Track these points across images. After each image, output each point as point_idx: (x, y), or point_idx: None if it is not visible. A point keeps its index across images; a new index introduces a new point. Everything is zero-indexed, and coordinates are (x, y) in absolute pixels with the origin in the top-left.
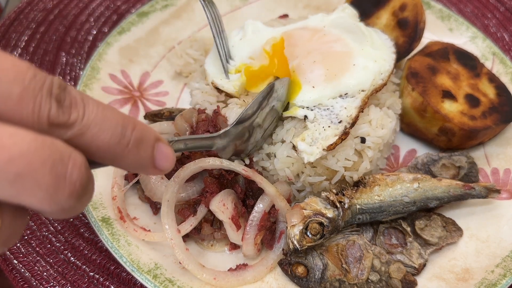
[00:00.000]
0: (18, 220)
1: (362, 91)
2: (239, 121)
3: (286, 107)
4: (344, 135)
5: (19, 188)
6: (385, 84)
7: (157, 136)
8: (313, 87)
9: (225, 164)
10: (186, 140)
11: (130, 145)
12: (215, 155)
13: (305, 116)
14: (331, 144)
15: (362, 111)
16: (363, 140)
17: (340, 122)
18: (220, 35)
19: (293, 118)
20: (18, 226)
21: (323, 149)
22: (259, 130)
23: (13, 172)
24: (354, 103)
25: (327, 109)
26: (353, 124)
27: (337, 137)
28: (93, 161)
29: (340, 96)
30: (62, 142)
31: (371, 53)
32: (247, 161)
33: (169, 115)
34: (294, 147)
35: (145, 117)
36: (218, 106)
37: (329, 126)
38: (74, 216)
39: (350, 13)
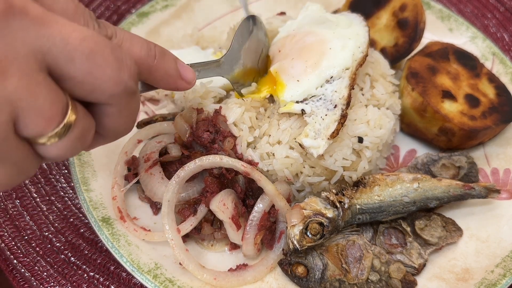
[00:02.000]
0: (88, 117)
1: (347, 69)
2: (233, 48)
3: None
4: (343, 118)
5: (92, 63)
6: (366, 56)
7: (175, 55)
8: (298, 81)
9: (225, 161)
10: (198, 66)
11: (157, 57)
12: (215, 154)
13: (303, 110)
14: (333, 132)
15: (353, 88)
16: (360, 140)
17: (335, 106)
18: None
19: (288, 117)
20: (88, 123)
21: (328, 139)
22: (254, 56)
23: (87, 47)
24: (342, 83)
25: (320, 98)
26: (348, 104)
27: (336, 123)
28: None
29: (327, 81)
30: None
31: (343, 33)
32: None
33: (163, 121)
34: (300, 145)
35: (138, 126)
36: (220, 107)
37: (326, 115)
38: (130, 125)
39: (314, 9)
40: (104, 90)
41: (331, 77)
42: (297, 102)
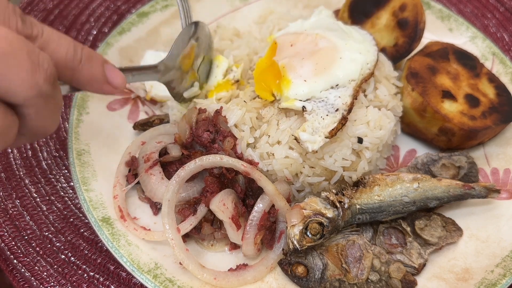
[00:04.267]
0: (8, 116)
1: (352, 81)
2: (172, 53)
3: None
4: (343, 120)
5: (4, 66)
6: (372, 73)
7: (105, 59)
8: (305, 80)
9: (225, 160)
10: (132, 70)
11: (83, 61)
12: (215, 154)
13: (303, 107)
14: (332, 129)
15: (356, 99)
16: (360, 141)
17: (336, 110)
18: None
19: (288, 117)
20: (9, 122)
21: (325, 136)
22: (194, 61)
23: (1, 49)
24: (347, 92)
25: (322, 100)
26: (349, 110)
27: (336, 123)
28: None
29: (332, 87)
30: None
31: (355, 46)
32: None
33: (160, 122)
34: (296, 139)
35: (134, 127)
36: (221, 107)
37: (327, 115)
38: (50, 128)
39: (327, 14)
40: (18, 93)
41: (337, 84)
42: (300, 100)
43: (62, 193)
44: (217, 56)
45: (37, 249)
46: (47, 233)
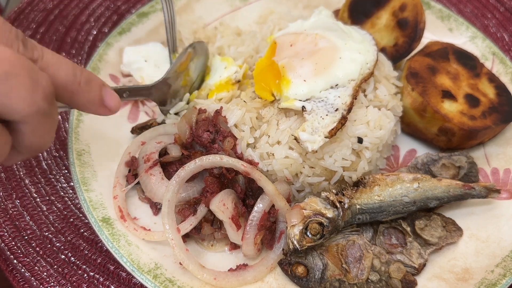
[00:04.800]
0: (2, 133)
1: (352, 80)
2: (168, 75)
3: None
4: (343, 119)
5: (6, 85)
6: (372, 73)
7: (103, 82)
8: (305, 80)
9: (225, 160)
10: (127, 90)
11: (81, 83)
12: (215, 154)
13: (303, 107)
14: (332, 129)
15: (356, 98)
16: (360, 141)
17: (336, 110)
18: (172, 26)
19: (288, 117)
20: (2, 139)
21: (325, 136)
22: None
23: (3, 69)
24: (346, 92)
25: (322, 100)
26: (349, 110)
27: (336, 123)
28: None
29: (332, 87)
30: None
31: (354, 46)
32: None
33: (157, 124)
34: (296, 139)
35: (132, 131)
36: (221, 107)
37: (326, 115)
38: (45, 145)
39: (326, 14)
40: (17, 110)
41: (336, 84)
42: (299, 100)
43: (62, 193)
44: (226, 57)
45: (37, 249)
46: (47, 233)
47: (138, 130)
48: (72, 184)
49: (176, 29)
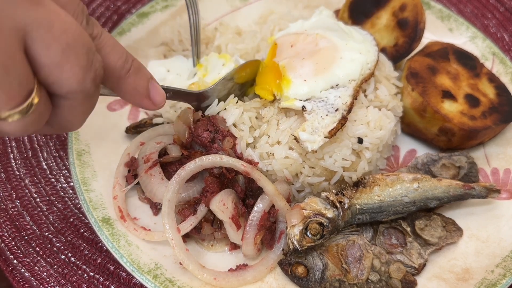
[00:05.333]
0: (47, 103)
1: (353, 81)
2: (215, 89)
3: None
4: (343, 120)
5: (65, 57)
6: (372, 73)
7: (151, 75)
8: (305, 80)
9: (225, 160)
10: (172, 91)
11: (130, 71)
12: (215, 154)
13: (303, 107)
14: (332, 129)
15: (356, 99)
16: (360, 141)
17: (336, 110)
18: (197, 29)
19: (288, 117)
20: (46, 109)
21: (325, 136)
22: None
23: (66, 41)
24: (347, 92)
25: (322, 100)
26: (349, 110)
27: (336, 123)
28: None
29: (332, 87)
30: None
31: (355, 46)
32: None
33: (151, 123)
34: (296, 139)
35: (127, 130)
36: None
37: (326, 115)
38: (78, 123)
39: (327, 14)
40: (65, 84)
41: (337, 84)
42: (300, 100)
43: (62, 193)
44: (224, 54)
45: (37, 249)
46: (47, 233)
47: (132, 129)
48: (72, 184)
49: (200, 32)
